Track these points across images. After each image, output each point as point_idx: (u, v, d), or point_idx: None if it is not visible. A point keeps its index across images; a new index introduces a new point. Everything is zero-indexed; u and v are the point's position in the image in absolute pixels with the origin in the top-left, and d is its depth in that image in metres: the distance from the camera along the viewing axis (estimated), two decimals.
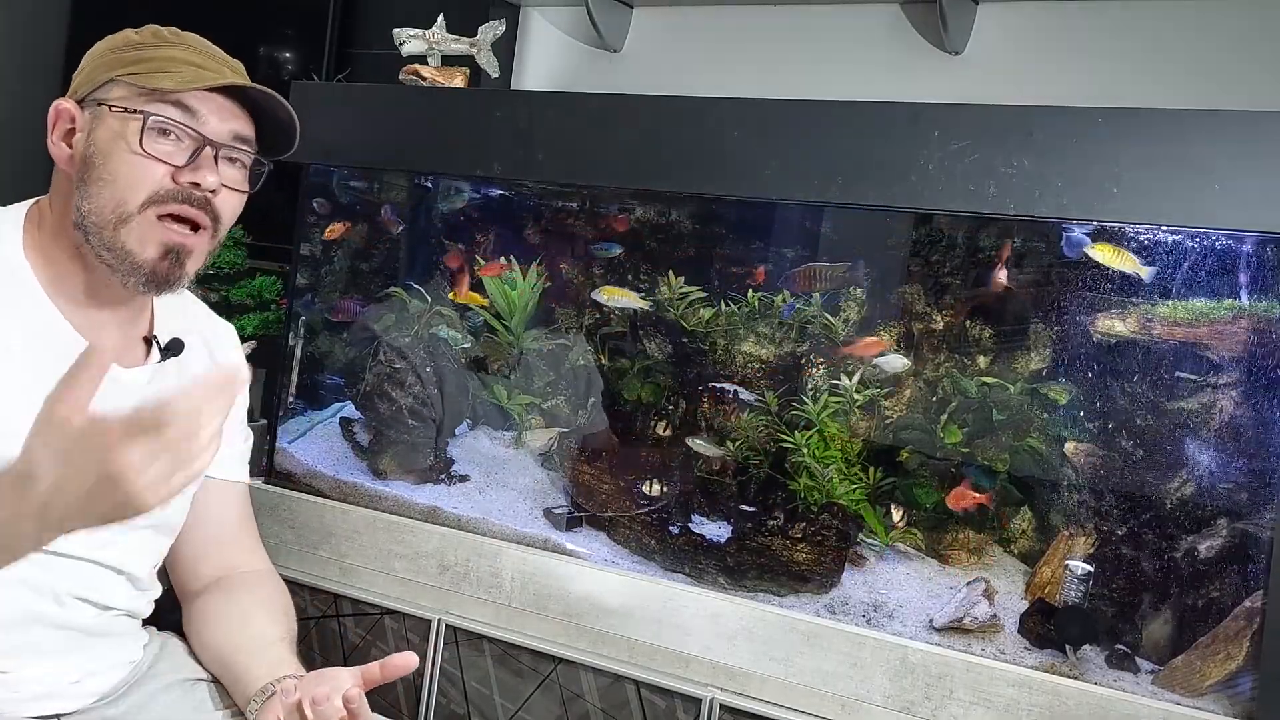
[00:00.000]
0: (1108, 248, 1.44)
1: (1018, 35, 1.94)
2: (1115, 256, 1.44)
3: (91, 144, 1.07)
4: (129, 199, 1.05)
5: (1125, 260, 1.44)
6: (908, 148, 1.44)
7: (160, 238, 1.07)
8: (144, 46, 1.11)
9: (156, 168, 1.06)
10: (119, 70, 1.08)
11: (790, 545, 1.61)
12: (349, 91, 1.98)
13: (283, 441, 1.97)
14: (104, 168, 1.06)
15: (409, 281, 2.09)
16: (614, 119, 1.66)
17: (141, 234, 1.06)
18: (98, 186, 1.06)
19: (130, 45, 1.11)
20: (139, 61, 1.09)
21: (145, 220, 1.06)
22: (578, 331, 2.01)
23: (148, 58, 1.09)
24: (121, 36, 1.13)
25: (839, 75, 2.07)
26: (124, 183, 1.05)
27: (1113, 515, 1.54)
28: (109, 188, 1.06)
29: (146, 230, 1.06)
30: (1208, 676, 1.35)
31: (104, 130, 1.07)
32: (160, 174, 1.06)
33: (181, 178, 1.07)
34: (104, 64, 1.10)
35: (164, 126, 1.06)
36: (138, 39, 1.12)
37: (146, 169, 1.06)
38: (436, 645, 1.68)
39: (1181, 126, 1.31)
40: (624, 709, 1.56)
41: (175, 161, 1.07)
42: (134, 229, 1.05)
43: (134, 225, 1.05)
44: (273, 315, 2.27)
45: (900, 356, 1.72)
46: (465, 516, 1.78)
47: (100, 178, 1.06)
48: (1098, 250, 1.44)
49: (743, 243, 1.92)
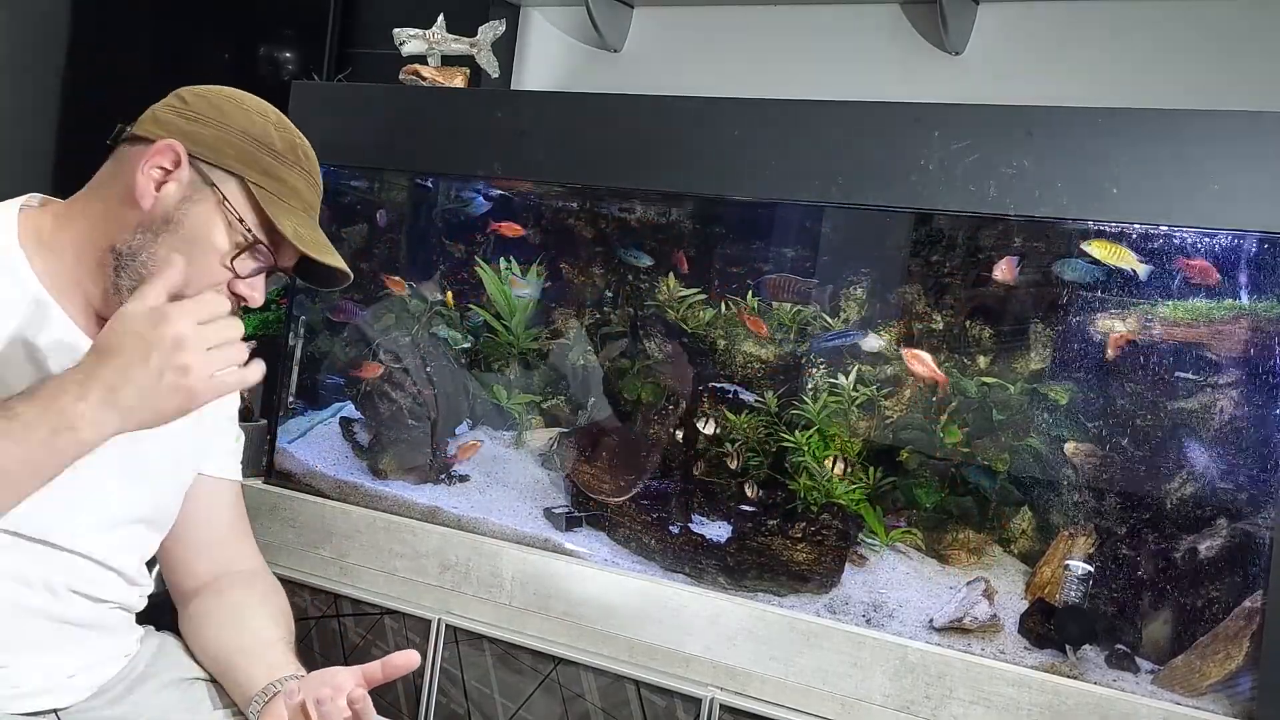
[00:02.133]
0: (1104, 244, 1.43)
1: (1018, 35, 1.94)
2: (1112, 254, 1.43)
3: (184, 213, 1.07)
4: (190, 286, 1.05)
5: (1123, 257, 1.43)
6: (908, 148, 1.44)
7: None
8: (278, 158, 1.10)
9: (225, 274, 1.09)
10: (249, 172, 1.08)
11: (790, 545, 1.61)
12: (349, 91, 1.98)
13: (283, 441, 1.97)
14: (184, 244, 1.06)
15: (408, 281, 2.09)
16: (614, 119, 1.66)
17: None
18: (168, 252, 1.05)
19: (267, 148, 1.10)
20: (269, 176, 1.09)
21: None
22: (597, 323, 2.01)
23: (278, 177, 1.10)
24: (262, 126, 1.11)
25: (839, 75, 2.07)
26: (195, 271, 1.05)
27: (1112, 515, 1.54)
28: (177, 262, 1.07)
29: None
30: (1207, 676, 1.35)
31: (204, 213, 1.07)
32: (225, 278, 1.09)
33: (236, 288, 1.10)
34: (237, 148, 1.08)
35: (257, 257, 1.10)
36: (277, 144, 1.11)
37: (219, 274, 1.08)
38: (436, 645, 1.68)
39: (1181, 126, 1.31)
40: (624, 709, 1.56)
41: (241, 273, 1.09)
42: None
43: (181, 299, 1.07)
44: (273, 315, 2.27)
45: (877, 337, 1.72)
46: (465, 516, 1.78)
47: (175, 248, 1.05)
48: (1094, 247, 1.44)
49: (743, 243, 1.92)
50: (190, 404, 0.95)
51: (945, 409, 1.69)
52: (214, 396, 0.96)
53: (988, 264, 1.65)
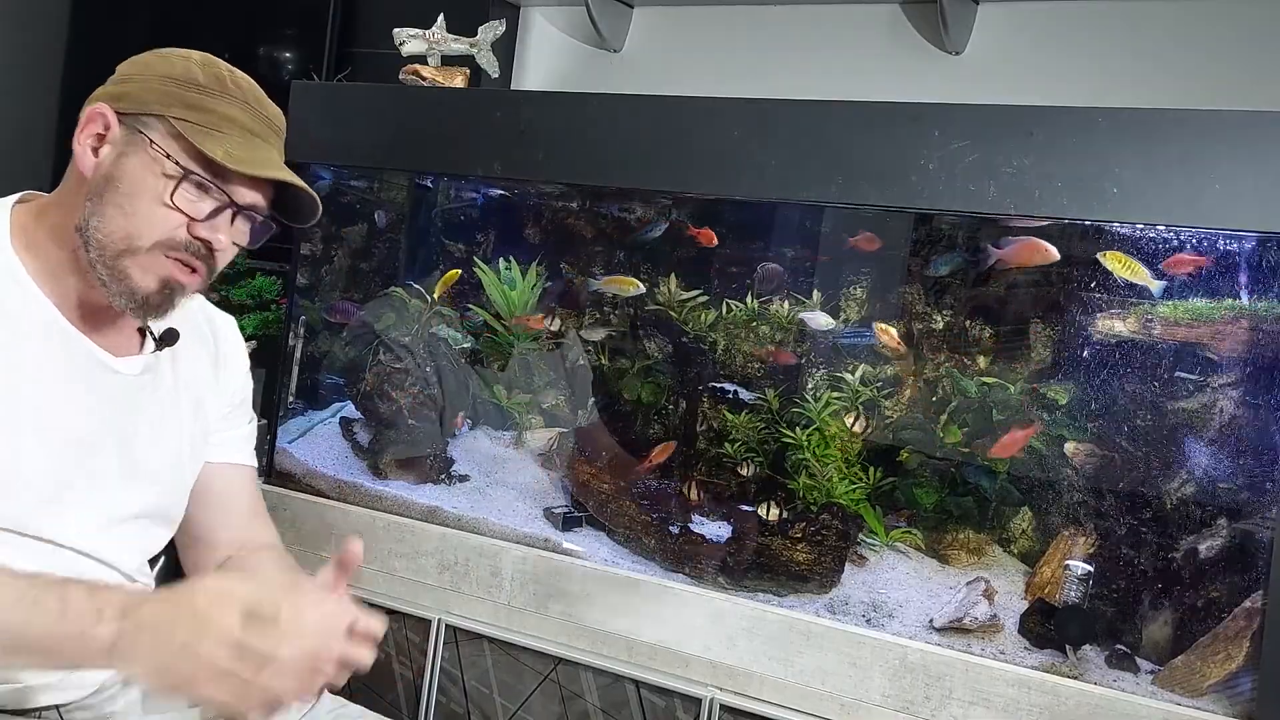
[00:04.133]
0: (1118, 257, 1.43)
1: (1018, 35, 1.94)
2: (1125, 267, 1.43)
3: (120, 168, 1.06)
4: (142, 237, 1.05)
5: (1136, 272, 1.43)
6: (908, 148, 1.44)
7: (162, 272, 1.07)
8: (204, 91, 1.08)
9: (176, 217, 1.06)
10: (172, 109, 1.07)
11: (790, 545, 1.61)
12: (349, 91, 1.98)
13: (283, 441, 1.97)
14: (126, 198, 1.05)
15: (409, 280, 2.09)
16: (614, 119, 1.66)
17: (145, 267, 1.06)
18: (113, 210, 1.05)
19: (190, 84, 1.08)
20: (194, 109, 1.07)
21: (152, 257, 1.06)
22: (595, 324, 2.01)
23: (204, 108, 1.08)
24: (183, 65, 1.10)
25: (839, 75, 2.07)
26: (142, 221, 1.05)
27: (1113, 515, 1.54)
28: (125, 218, 1.05)
29: (151, 263, 1.06)
30: (1208, 676, 1.35)
31: (136, 162, 1.06)
32: (177, 223, 1.07)
33: (197, 231, 1.07)
34: (157, 92, 1.08)
35: (201, 186, 1.07)
36: (200, 79, 1.09)
37: (167, 217, 1.06)
38: (436, 645, 1.68)
39: (1181, 126, 1.31)
40: (624, 709, 1.56)
41: (195, 214, 1.07)
42: (139, 261, 1.06)
43: (140, 259, 1.06)
44: (273, 315, 2.27)
45: (826, 314, 1.76)
46: (465, 516, 1.78)
47: (119, 205, 1.05)
48: (1108, 259, 1.43)
49: (743, 243, 1.92)
50: (200, 699, 0.90)
51: (944, 409, 1.69)
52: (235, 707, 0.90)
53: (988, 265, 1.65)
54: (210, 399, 1.26)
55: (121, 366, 1.13)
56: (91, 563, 1.12)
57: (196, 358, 1.25)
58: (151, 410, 1.16)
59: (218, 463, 1.27)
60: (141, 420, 1.15)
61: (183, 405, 1.21)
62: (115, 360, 1.13)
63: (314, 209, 1.16)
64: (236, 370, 1.31)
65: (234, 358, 1.31)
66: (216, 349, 1.28)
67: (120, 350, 1.15)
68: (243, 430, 1.32)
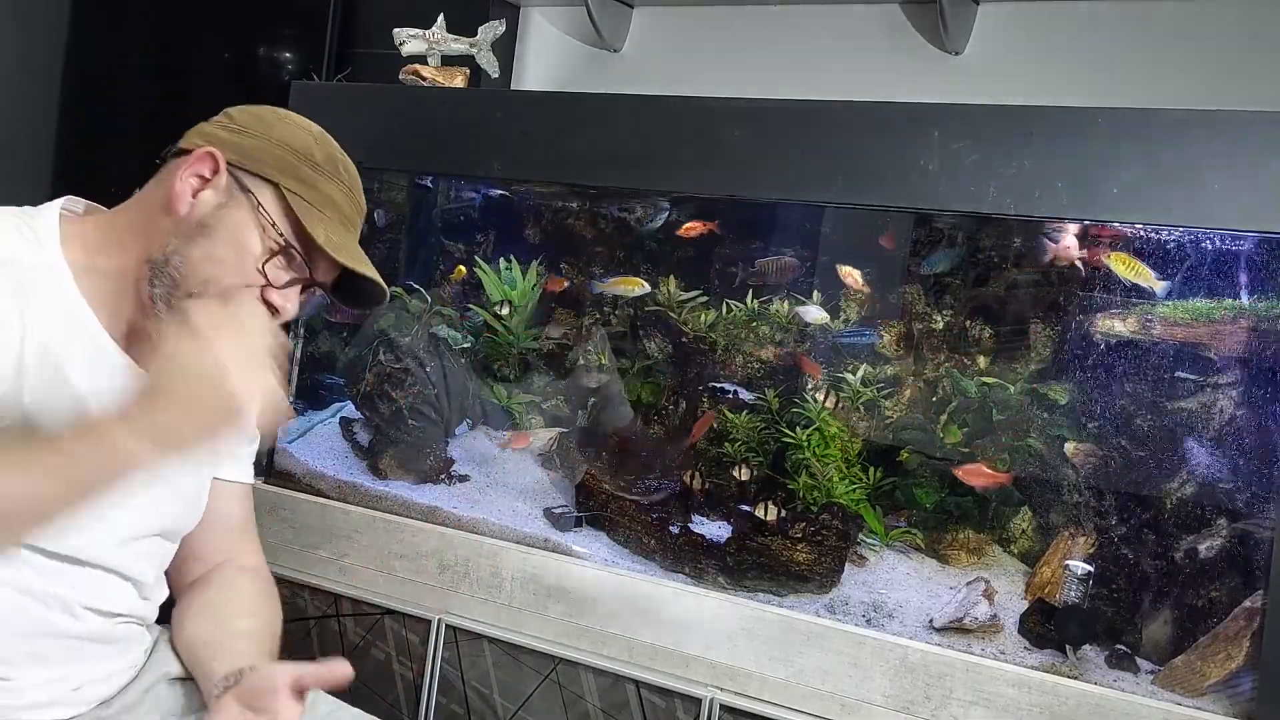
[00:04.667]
0: (1124, 258, 1.43)
1: (1018, 35, 1.94)
2: (1130, 269, 1.43)
3: (219, 218, 1.07)
4: (220, 284, 1.06)
5: (1140, 274, 1.43)
6: (908, 148, 1.44)
7: None
8: (317, 169, 1.11)
9: (257, 280, 1.08)
10: (285, 180, 1.08)
11: (790, 545, 1.61)
12: (349, 91, 1.98)
13: (283, 441, 1.97)
14: (217, 249, 1.06)
15: (409, 281, 2.09)
16: (614, 119, 1.66)
17: None
18: (200, 257, 1.06)
19: (306, 159, 1.11)
20: (304, 184, 1.09)
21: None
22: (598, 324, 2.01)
23: (314, 185, 1.10)
24: (303, 139, 1.12)
25: (839, 75, 2.07)
26: (225, 272, 1.06)
27: (1113, 515, 1.54)
28: (210, 267, 1.06)
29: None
30: (1208, 676, 1.35)
31: (238, 218, 1.07)
32: (256, 285, 1.09)
33: (270, 297, 1.09)
34: (274, 157, 1.09)
35: (289, 256, 1.09)
36: (316, 156, 1.11)
37: (250, 277, 1.08)
38: (436, 645, 1.68)
39: (1181, 126, 1.31)
40: (624, 709, 1.56)
41: (275, 282, 1.09)
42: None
43: (208, 299, 1.06)
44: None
45: (819, 308, 1.77)
46: (465, 516, 1.78)
47: (209, 254, 1.06)
48: (1114, 260, 1.44)
49: (743, 242, 1.92)
50: (233, 422, 0.94)
51: (945, 409, 1.69)
52: (254, 412, 0.94)
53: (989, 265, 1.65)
54: None
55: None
56: (113, 577, 1.12)
57: None
58: None
59: (217, 478, 1.27)
60: None
61: None
62: (144, 372, 1.12)
63: (380, 300, 1.19)
64: None
65: None
66: None
67: (147, 361, 1.14)
68: (243, 449, 1.32)
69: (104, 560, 1.10)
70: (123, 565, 1.12)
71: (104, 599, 1.11)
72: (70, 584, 1.08)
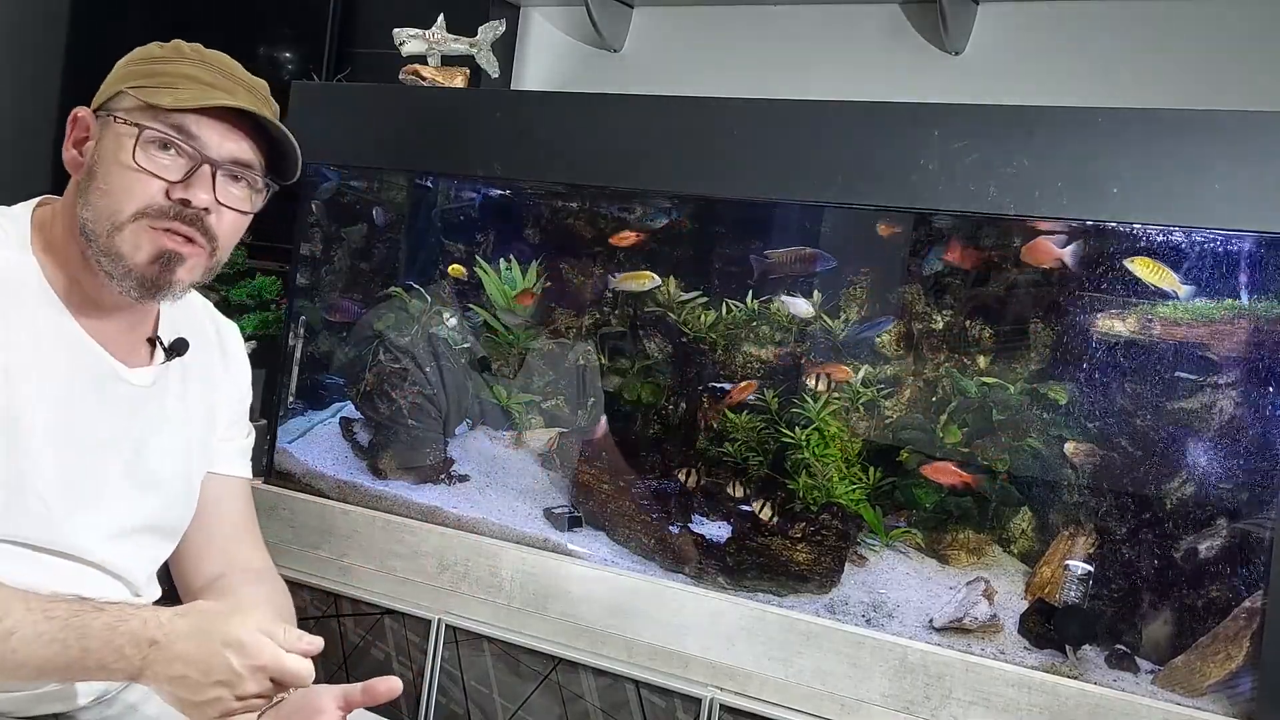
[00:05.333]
0: (1148, 263, 1.43)
1: (1018, 35, 1.94)
2: (1154, 273, 1.43)
3: (98, 155, 1.08)
4: (121, 209, 1.05)
5: (1164, 278, 1.43)
6: (908, 148, 1.44)
7: (153, 243, 1.06)
8: (160, 61, 1.10)
9: (150, 182, 1.06)
10: (130, 82, 1.09)
11: (790, 545, 1.61)
12: (349, 91, 1.98)
13: (283, 441, 1.97)
14: (102, 178, 1.06)
15: (409, 281, 2.09)
16: (614, 119, 1.66)
17: (135, 240, 1.06)
18: (96, 195, 1.06)
19: (148, 59, 1.11)
20: (150, 75, 1.09)
21: (138, 228, 1.06)
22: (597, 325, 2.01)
23: (159, 72, 1.09)
24: (145, 49, 1.13)
25: (839, 75, 2.07)
26: (117, 193, 1.06)
27: (1112, 515, 1.54)
28: (105, 197, 1.06)
29: (140, 236, 1.06)
30: (1208, 676, 1.35)
31: (107, 141, 1.08)
32: (154, 188, 1.06)
33: (174, 194, 1.07)
34: (120, 75, 1.11)
35: (163, 140, 1.06)
36: (159, 53, 1.12)
37: (139, 182, 1.06)
38: (436, 645, 1.68)
39: (1181, 126, 1.31)
40: (624, 709, 1.56)
41: (169, 177, 1.06)
42: (127, 236, 1.06)
43: (127, 233, 1.06)
44: (273, 315, 2.27)
45: (806, 302, 1.77)
46: (465, 516, 1.78)
47: (99, 187, 1.06)
48: (1138, 265, 1.43)
49: (743, 242, 1.92)
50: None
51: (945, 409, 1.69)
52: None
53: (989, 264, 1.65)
54: (221, 406, 1.26)
55: (133, 377, 1.14)
56: (102, 574, 1.12)
57: (207, 365, 1.25)
58: (162, 421, 1.16)
59: (213, 473, 1.27)
60: (152, 431, 1.15)
61: (193, 415, 1.21)
62: (127, 371, 1.13)
63: (290, 153, 1.15)
64: (240, 380, 1.31)
65: (239, 367, 1.31)
66: (224, 356, 1.28)
67: (132, 361, 1.15)
68: (240, 442, 1.32)
69: (94, 556, 1.10)
70: (112, 562, 1.12)
71: (96, 594, 1.12)
72: (63, 578, 1.08)
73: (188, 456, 1.20)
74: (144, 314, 1.17)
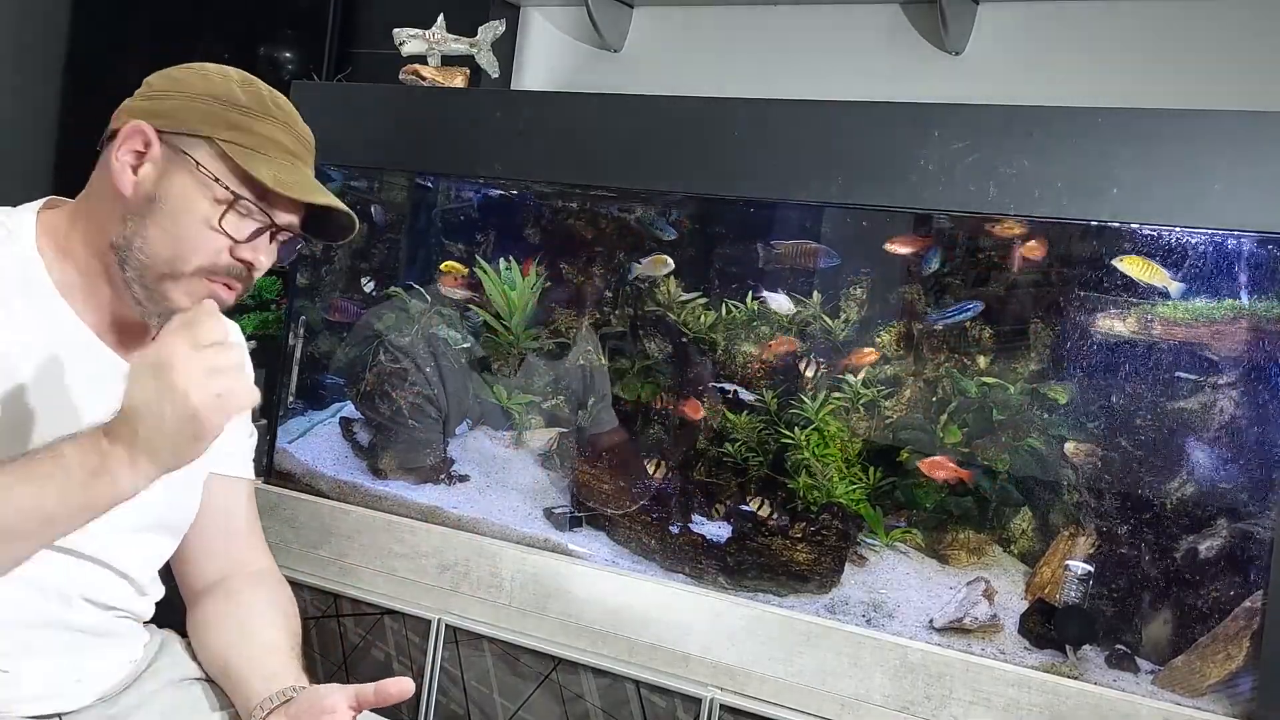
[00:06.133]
0: (1138, 260, 1.43)
1: (1018, 35, 1.94)
2: (1145, 270, 1.43)
3: (164, 189, 1.05)
4: (188, 262, 1.05)
5: (1155, 274, 1.43)
6: (908, 148, 1.44)
7: (203, 293, 1.07)
8: (247, 113, 1.08)
9: (222, 241, 1.06)
10: (218, 131, 1.06)
11: (790, 545, 1.61)
12: (349, 91, 1.98)
13: (283, 441, 1.97)
14: (170, 220, 1.05)
15: (409, 281, 2.09)
16: (614, 119, 1.66)
17: (190, 289, 1.07)
18: (157, 233, 1.05)
19: (233, 105, 1.08)
20: (238, 130, 1.06)
21: (195, 280, 1.07)
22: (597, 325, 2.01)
23: (248, 129, 1.07)
24: (224, 85, 1.09)
25: (839, 75, 2.07)
26: (187, 246, 1.05)
27: (1113, 515, 1.54)
28: (170, 241, 1.05)
29: (195, 286, 1.07)
30: (1208, 676, 1.35)
31: (181, 184, 1.05)
32: (221, 246, 1.07)
33: (240, 254, 1.08)
34: (200, 113, 1.07)
35: (249, 212, 1.07)
36: (242, 99, 1.08)
37: (213, 240, 1.06)
38: (436, 645, 1.68)
39: (1181, 126, 1.31)
40: (624, 709, 1.56)
41: (237, 236, 1.07)
42: (182, 285, 1.06)
43: (183, 284, 1.06)
44: (273, 315, 2.27)
45: (785, 298, 1.77)
46: (465, 516, 1.78)
47: (163, 227, 1.05)
48: (1127, 264, 1.43)
49: (743, 242, 1.92)
50: (204, 432, 0.93)
51: (945, 409, 1.69)
52: (223, 419, 0.94)
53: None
54: None
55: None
56: (107, 571, 1.12)
57: None
58: None
59: (215, 474, 1.27)
60: None
61: None
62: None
63: (350, 227, 1.16)
64: None
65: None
66: None
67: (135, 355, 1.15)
68: (242, 443, 1.32)
69: (98, 553, 1.10)
70: (116, 559, 1.12)
71: (100, 591, 1.12)
72: (67, 575, 1.08)
73: None
74: None
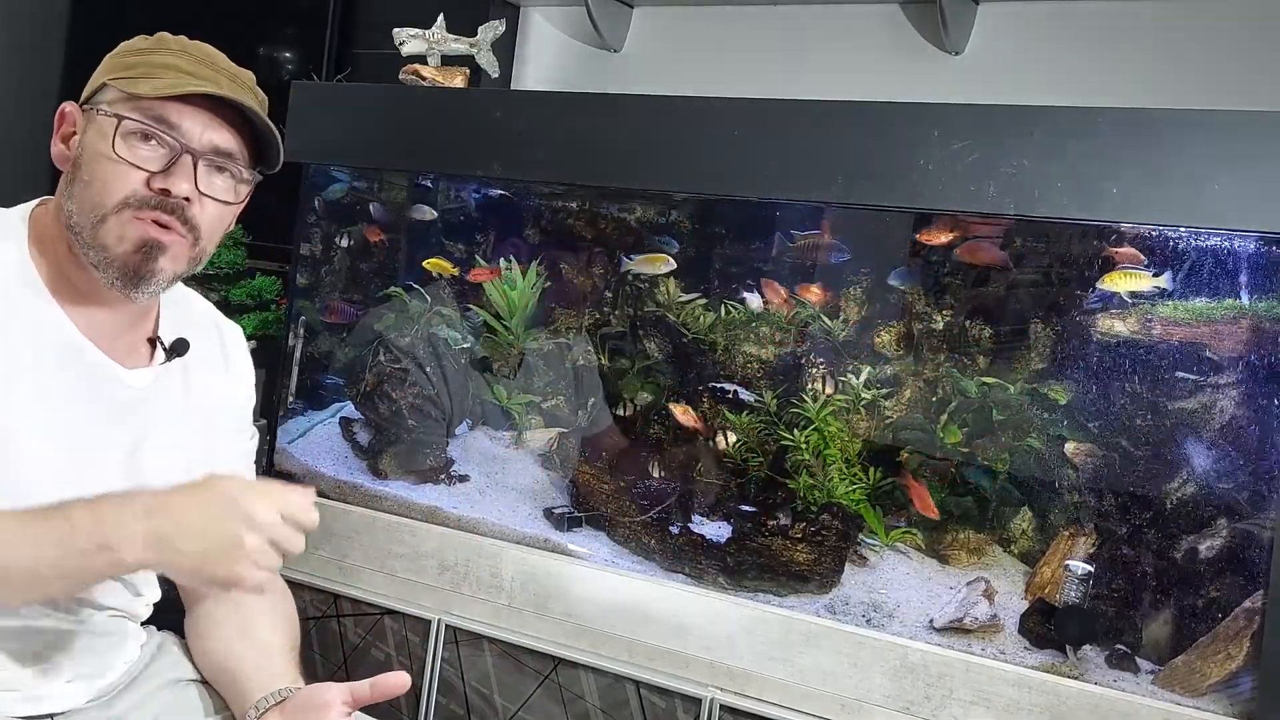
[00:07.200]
0: (1117, 275, 1.44)
1: (1018, 35, 1.94)
2: (1128, 281, 1.44)
3: (82, 148, 1.08)
4: (105, 200, 1.05)
5: (1140, 281, 1.44)
6: (908, 148, 1.44)
7: (136, 232, 1.06)
8: (142, 52, 1.11)
9: (131, 172, 1.06)
10: (112, 74, 1.09)
11: (790, 545, 1.61)
12: (349, 91, 1.98)
13: (283, 441, 1.97)
14: (86, 170, 1.07)
15: (408, 282, 2.09)
16: (614, 119, 1.66)
17: (119, 230, 1.06)
18: (80, 187, 1.07)
19: (131, 50, 1.11)
20: (131, 66, 1.09)
21: (121, 219, 1.06)
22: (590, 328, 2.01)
23: (140, 63, 1.09)
24: (129, 42, 1.13)
25: (839, 75, 2.07)
26: (99, 185, 1.06)
27: (1113, 515, 1.54)
28: (89, 189, 1.06)
29: (124, 227, 1.06)
30: (1208, 676, 1.35)
31: (91, 134, 1.08)
32: (136, 179, 1.06)
33: (155, 184, 1.07)
34: (105, 68, 1.11)
35: (144, 131, 1.06)
36: (142, 45, 1.12)
37: (121, 173, 1.06)
38: (436, 645, 1.68)
39: (1181, 126, 1.31)
40: (624, 709, 1.56)
41: (150, 167, 1.06)
42: (111, 227, 1.06)
43: (110, 224, 1.06)
44: (273, 315, 2.27)
45: (757, 296, 1.80)
46: (465, 516, 1.78)
47: (83, 179, 1.07)
48: (1108, 282, 1.44)
49: (743, 242, 1.92)
50: (223, 579, 0.96)
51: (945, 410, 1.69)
52: (245, 575, 0.96)
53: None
54: (223, 409, 1.26)
55: (129, 378, 1.13)
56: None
57: (210, 367, 1.24)
58: (160, 423, 1.16)
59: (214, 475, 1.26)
60: (148, 433, 1.14)
61: (194, 417, 1.20)
62: (124, 372, 1.12)
63: (271, 142, 1.13)
64: (243, 384, 1.30)
65: (242, 371, 1.30)
66: (227, 359, 1.28)
67: (130, 362, 1.14)
68: (244, 446, 1.31)
69: None
70: None
71: (95, 593, 1.12)
72: None
73: (188, 458, 1.20)
74: (143, 313, 1.17)
